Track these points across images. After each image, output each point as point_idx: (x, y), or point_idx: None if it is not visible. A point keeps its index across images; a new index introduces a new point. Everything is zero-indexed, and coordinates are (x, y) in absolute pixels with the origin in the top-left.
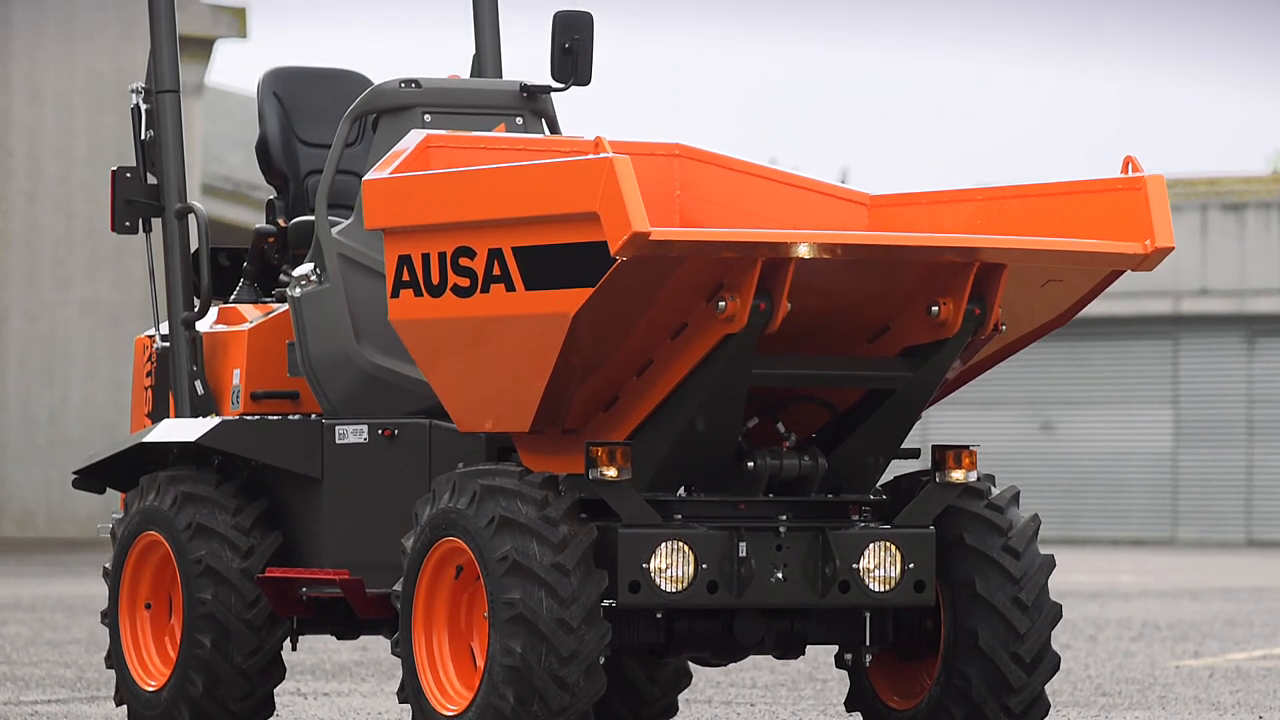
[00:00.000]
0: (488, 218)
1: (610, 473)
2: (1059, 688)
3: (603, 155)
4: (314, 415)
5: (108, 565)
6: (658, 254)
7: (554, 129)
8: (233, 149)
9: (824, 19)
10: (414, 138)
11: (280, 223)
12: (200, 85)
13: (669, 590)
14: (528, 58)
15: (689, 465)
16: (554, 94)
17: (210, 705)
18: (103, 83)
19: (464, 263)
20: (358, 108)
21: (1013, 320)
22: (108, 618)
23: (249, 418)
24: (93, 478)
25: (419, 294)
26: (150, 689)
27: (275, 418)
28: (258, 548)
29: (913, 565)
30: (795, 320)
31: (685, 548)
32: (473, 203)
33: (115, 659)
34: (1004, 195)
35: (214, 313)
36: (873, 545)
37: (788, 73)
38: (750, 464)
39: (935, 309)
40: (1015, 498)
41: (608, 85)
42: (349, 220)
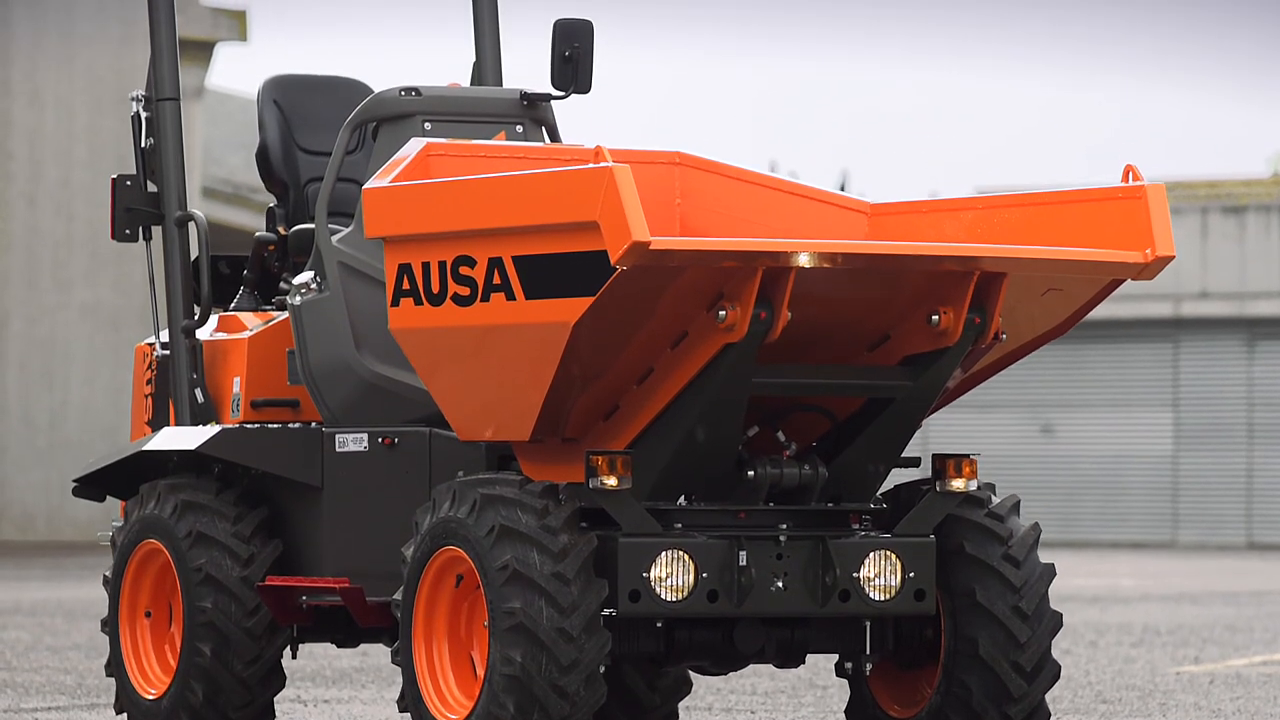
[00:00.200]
0: (488, 226)
1: (610, 482)
2: (1059, 695)
3: (603, 165)
4: (314, 423)
5: (108, 573)
6: (658, 263)
7: (554, 137)
8: (233, 152)
9: (824, 23)
10: (414, 146)
11: (280, 230)
12: (200, 88)
13: (669, 599)
14: (528, 66)
15: (689, 474)
16: (554, 102)
17: (210, 713)
18: (103, 85)
19: (464, 271)
20: (358, 116)
21: (1013, 329)
22: (108, 626)
23: (249, 426)
24: (93, 486)
25: (419, 303)
26: (150, 697)
27: (275, 426)
28: (258, 556)
29: (913, 574)
30: (795, 329)
31: (685, 557)
32: (473, 212)
33: (115, 667)
34: (1004, 204)
35: (214, 320)
36: (873, 554)
37: (788, 76)
38: (750, 473)
39: (935, 318)
40: (1015, 506)
41: (608, 93)
42: (349, 228)
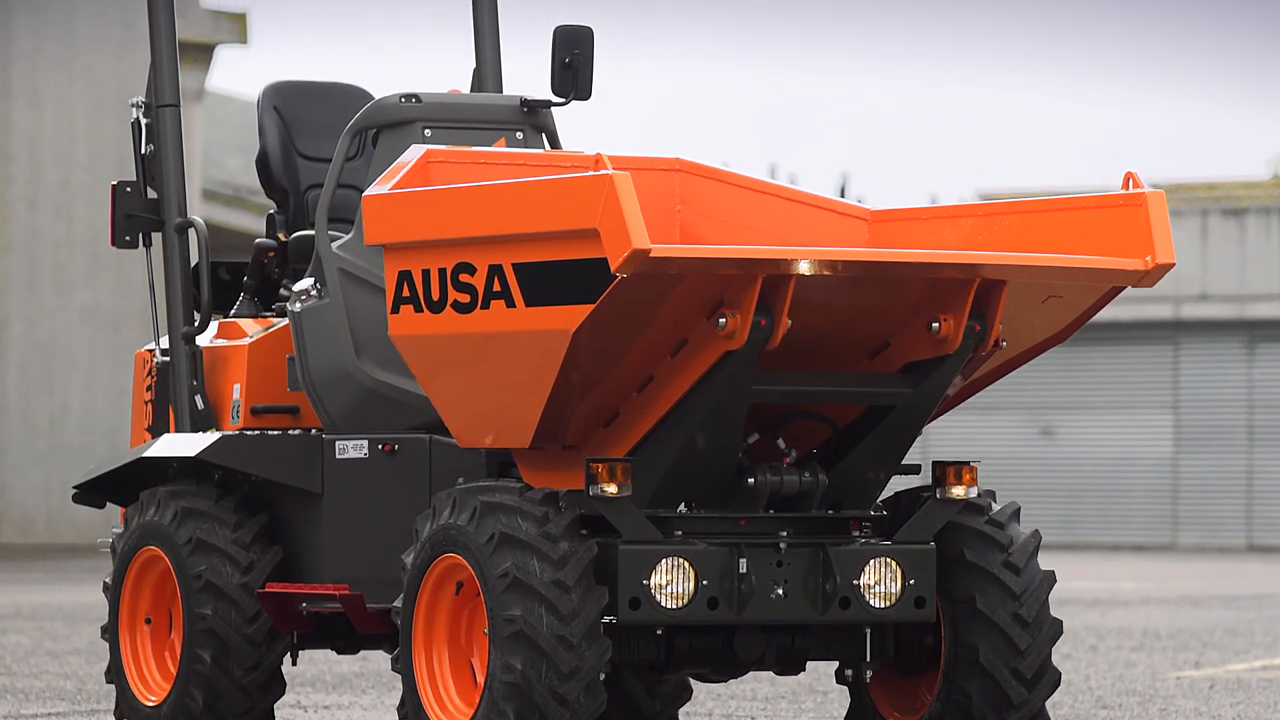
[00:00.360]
0: (488, 234)
1: (610, 489)
2: (1059, 700)
3: (603, 172)
4: (314, 430)
5: (108, 580)
6: (658, 271)
7: (554, 144)
8: (233, 154)
9: (824, 26)
10: (414, 153)
11: (280, 237)
12: (201, 91)
13: (669, 606)
14: (528, 72)
15: (689, 481)
16: (554, 109)
17: None
18: (103, 88)
19: (464, 279)
20: (358, 122)
21: (1013, 336)
22: (108, 632)
23: (249, 433)
24: (93, 492)
25: (419, 310)
26: (150, 704)
27: (275, 433)
28: (258, 563)
29: (913, 581)
30: (796, 337)
31: (685, 564)
32: (473, 219)
33: (115, 674)
34: (1005, 211)
35: (214, 327)
36: (873, 561)
37: (788, 79)
38: (751, 480)
39: (936, 325)
40: (1016, 514)
41: (608, 100)
42: (349, 235)
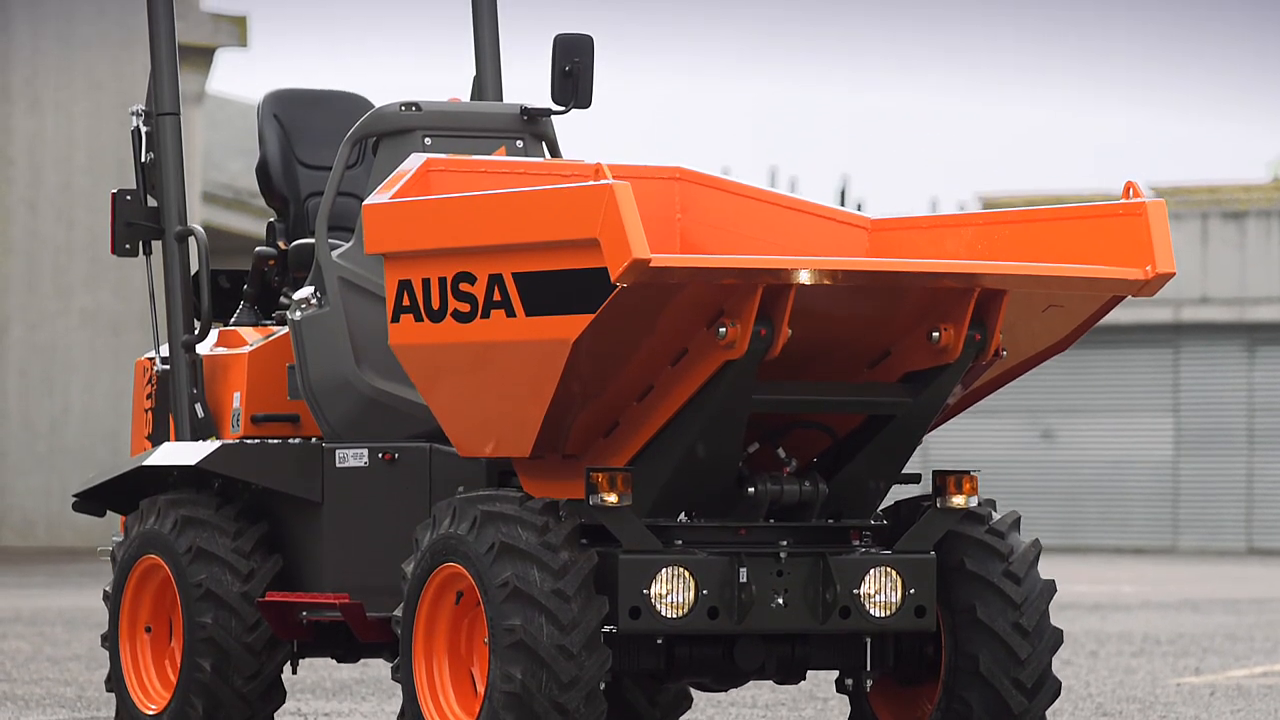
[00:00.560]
0: (488, 243)
1: (611, 498)
2: (1060, 707)
3: (603, 182)
4: (314, 439)
5: (108, 588)
6: (658, 280)
7: (554, 152)
8: (233, 157)
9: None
10: (414, 161)
11: (280, 245)
12: (201, 94)
13: (669, 616)
14: (528, 81)
15: (689, 491)
16: (554, 117)
17: None
18: (103, 91)
19: (464, 288)
20: (358, 131)
21: (1013, 345)
22: (108, 641)
23: (249, 441)
24: (93, 500)
25: (419, 319)
26: (151, 712)
27: (275, 441)
28: (258, 571)
29: (913, 590)
30: (796, 346)
31: (686, 573)
32: (473, 228)
33: (116, 682)
34: (1005, 220)
35: (214, 335)
36: (873, 570)
37: (788, 82)
38: (751, 489)
39: (936, 335)
40: (1016, 523)
41: (608, 108)
42: (349, 243)
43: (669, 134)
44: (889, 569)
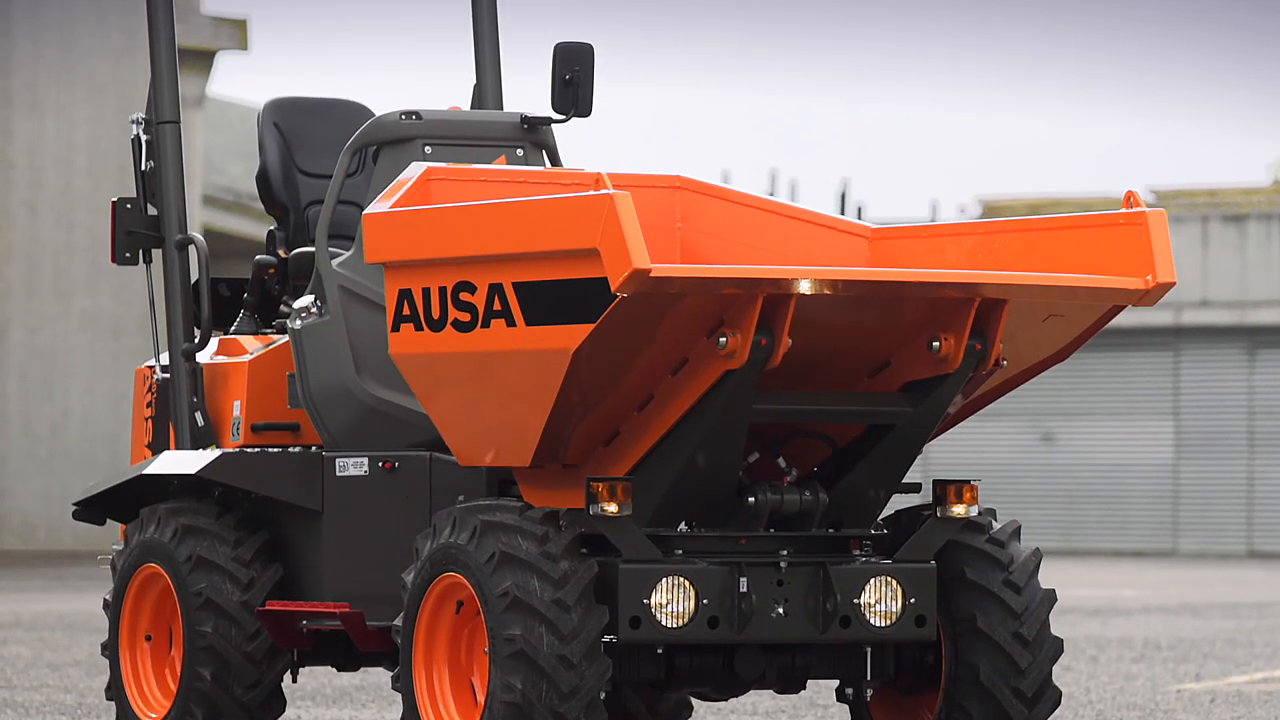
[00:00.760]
0: (488, 253)
1: (611, 508)
2: (1061, 715)
3: (603, 192)
4: (314, 447)
5: (108, 597)
6: (658, 290)
7: (555, 160)
8: (233, 160)
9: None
10: (414, 170)
11: (281, 254)
12: (201, 97)
13: (670, 625)
14: (529, 89)
15: (690, 500)
16: (555, 125)
17: None
18: (103, 94)
19: (464, 297)
20: (358, 139)
21: (1014, 355)
22: (108, 649)
23: (249, 450)
24: (93, 509)
25: (419, 328)
26: None
27: (276, 450)
28: (258, 580)
29: (914, 600)
30: (796, 355)
31: (686, 583)
32: (473, 237)
33: (116, 690)
34: (1005, 229)
35: (214, 344)
36: (874, 580)
37: (788, 86)
38: (751, 499)
39: (936, 344)
40: (1016, 532)
41: (608, 116)
42: (349, 252)
43: (669, 140)
44: (889, 578)
